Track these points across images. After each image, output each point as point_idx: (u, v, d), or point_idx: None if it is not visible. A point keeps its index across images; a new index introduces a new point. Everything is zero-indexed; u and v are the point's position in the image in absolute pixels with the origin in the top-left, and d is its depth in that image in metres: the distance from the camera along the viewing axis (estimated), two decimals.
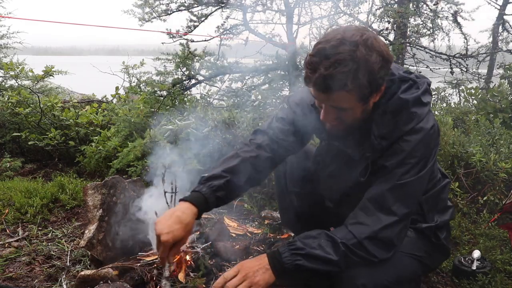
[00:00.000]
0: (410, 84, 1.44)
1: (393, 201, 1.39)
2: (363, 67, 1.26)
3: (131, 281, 1.94)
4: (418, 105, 1.42)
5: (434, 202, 1.63)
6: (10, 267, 2.27)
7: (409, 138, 1.39)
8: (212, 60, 4.49)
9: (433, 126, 1.43)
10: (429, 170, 1.44)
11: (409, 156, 1.39)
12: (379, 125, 1.42)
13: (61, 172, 3.97)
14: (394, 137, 1.40)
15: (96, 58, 57.88)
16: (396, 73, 1.43)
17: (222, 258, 2.29)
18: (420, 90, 1.43)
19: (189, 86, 4.47)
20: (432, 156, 1.45)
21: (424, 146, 1.41)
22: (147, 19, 4.83)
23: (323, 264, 1.37)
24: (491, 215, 2.70)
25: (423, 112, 1.42)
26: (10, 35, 6.45)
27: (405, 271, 1.49)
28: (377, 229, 1.37)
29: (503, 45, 6.32)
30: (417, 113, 1.40)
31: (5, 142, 4.46)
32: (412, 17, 5.12)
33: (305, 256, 1.37)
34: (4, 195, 3.12)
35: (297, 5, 4.80)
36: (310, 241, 1.39)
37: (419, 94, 1.42)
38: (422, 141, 1.40)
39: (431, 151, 1.44)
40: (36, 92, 4.82)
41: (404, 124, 1.40)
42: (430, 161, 1.44)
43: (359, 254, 1.37)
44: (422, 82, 1.47)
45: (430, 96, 1.49)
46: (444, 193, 1.68)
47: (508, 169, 2.76)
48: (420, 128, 1.40)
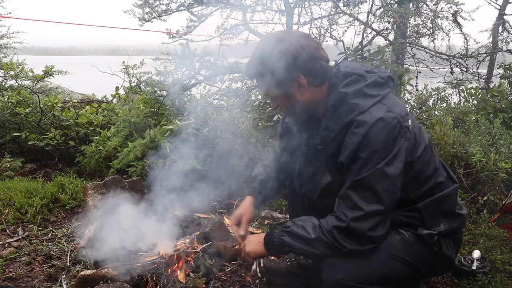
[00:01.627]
0: (354, 78, 1.53)
1: (356, 197, 1.44)
2: (267, 58, 1.51)
3: (131, 281, 1.94)
4: (360, 97, 1.48)
5: (437, 208, 1.56)
6: (10, 267, 2.27)
7: (356, 131, 1.43)
8: (212, 60, 4.48)
9: (381, 118, 1.42)
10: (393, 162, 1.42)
11: (360, 149, 1.43)
12: (325, 118, 1.54)
13: (61, 172, 3.97)
14: (337, 128, 1.49)
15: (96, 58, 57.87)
16: (343, 70, 1.56)
17: (222, 258, 2.29)
18: (364, 83, 1.51)
19: (189, 86, 4.46)
20: (393, 148, 1.42)
21: (375, 138, 1.41)
22: (147, 19, 4.83)
23: (302, 242, 1.53)
24: (491, 215, 2.70)
25: (366, 103, 1.46)
26: (10, 35, 6.45)
27: (390, 273, 1.50)
28: (346, 222, 1.44)
29: (503, 45, 6.30)
30: (358, 104, 1.47)
31: (5, 142, 4.46)
32: (412, 17, 5.12)
33: (289, 233, 1.57)
34: (4, 195, 3.12)
35: (297, 5, 4.80)
36: (298, 222, 1.57)
37: (362, 86, 1.50)
38: (369, 133, 1.41)
39: (388, 142, 1.42)
40: (36, 92, 4.82)
41: (345, 116, 1.48)
42: (390, 153, 1.42)
43: (331, 241, 1.47)
44: (371, 76, 1.53)
45: (380, 88, 1.52)
46: (450, 199, 1.61)
47: (508, 169, 2.76)
48: (363, 120, 1.43)
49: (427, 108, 4.31)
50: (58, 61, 7.16)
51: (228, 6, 4.67)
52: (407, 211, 1.56)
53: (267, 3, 4.87)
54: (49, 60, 5.28)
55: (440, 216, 1.57)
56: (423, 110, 4.29)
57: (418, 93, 4.81)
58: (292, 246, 1.56)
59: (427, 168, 1.55)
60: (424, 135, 1.59)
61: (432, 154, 1.59)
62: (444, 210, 1.59)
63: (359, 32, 4.66)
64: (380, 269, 1.49)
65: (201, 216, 2.84)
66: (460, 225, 1.65)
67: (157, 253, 2.15)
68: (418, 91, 4.91)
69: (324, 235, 1.48)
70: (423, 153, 1.52)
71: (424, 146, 1.53)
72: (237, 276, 2.19)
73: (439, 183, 1.59)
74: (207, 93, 4.59)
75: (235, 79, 4.56)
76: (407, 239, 1.54)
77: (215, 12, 4.83)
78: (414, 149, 1.50)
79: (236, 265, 2.27)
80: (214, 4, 4.65)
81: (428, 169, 1.55)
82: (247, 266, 2.27)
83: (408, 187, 1.51)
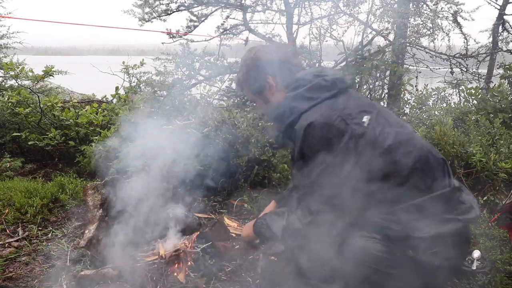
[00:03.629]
0: (299, 83, 1.68)
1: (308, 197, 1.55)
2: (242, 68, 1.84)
3: (131, 281, 1.94)
4: (299, 100, 1.63)
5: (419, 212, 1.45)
6: (10, 267, 2.27)
7: (297, 132, 1.56)
8: (212, 60, 4.49)
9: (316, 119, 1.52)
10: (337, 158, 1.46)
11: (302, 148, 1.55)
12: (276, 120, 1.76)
13: (61, 172, 3.97)
14: (282, 129, 1.70)
15: (96, 58, 57.86)
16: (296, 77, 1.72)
17: (222, 258, 2.29)
18: (304, 87, 1.64)
19: (189, 86, 4.47)
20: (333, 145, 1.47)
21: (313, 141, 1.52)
22: (147, 19, 4.84)
23: (273, 236, 1.75)
24: (491, 215, 2.70)
25: (304, 106, 1.60)
26: (10, 35, 6.46)
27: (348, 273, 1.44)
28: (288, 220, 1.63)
29: (503, 45, 6.31)
30: (296, 107, 1.62)
31: (5, 142, 4.46)
32: (412, 17, 5.12)
33: (265, 226, 1.79)
34: (4, 195, 3.12)
35: (297, 5, 4.80)
36: (274, 217, 1.77)
37: (302, 90, 1.65)
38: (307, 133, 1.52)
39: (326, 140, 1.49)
40: (36, 92, 4.81)
41: (286, 118, 1.66)
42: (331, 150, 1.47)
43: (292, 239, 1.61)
44: (315, 80, 1.65)
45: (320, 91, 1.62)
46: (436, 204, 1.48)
47: (508, 169, 2.76)
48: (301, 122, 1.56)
49: (427, 108, 4.31)
50: (58, 61, 7.16)
51: (228, 6, 4.67)
52: (385, 213, 1.47)
53: (267, 3, 4.87)
54: (49, 60, 5.28)
55: (424, 220, 1.46)
56: (423, 110, 4.30)
57: (418, 93, 4.81)
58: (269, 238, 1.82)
59: (400, 167, 1.47)
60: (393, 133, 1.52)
61: (409, 154, 1.49)
62: (429, 214, 1.47)
63: (359, 32, 4.67)
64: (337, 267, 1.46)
65: (201, 216, 2.84)
66: (453, 230, 1.48)
67: (157, 253, 2.15)
68: (418, 91, 4.92)
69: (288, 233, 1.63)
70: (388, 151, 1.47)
71: (390, 143, 1.48)
72: (237, 276, 2.19)
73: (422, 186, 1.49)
74: (207, 93, 4.59)
75: (235, 79, 4.56)
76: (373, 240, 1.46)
77: (215, 12, 4.83)
78: (373, 146, 1.46)
79: (236, 265, 2.27)
80: (214, 4, 4.65)
81: (403, 169, 1.47)
82: (247, 266, 2.27)
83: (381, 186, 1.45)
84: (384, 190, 1.47)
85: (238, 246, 2.34)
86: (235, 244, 2.35)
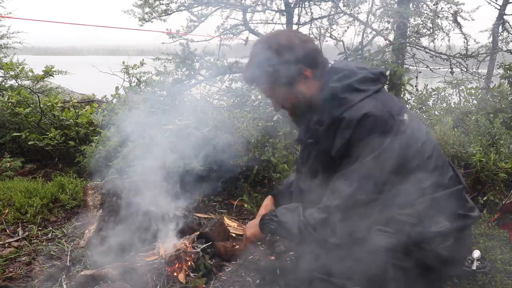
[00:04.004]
0: (345, 74, 1.56)
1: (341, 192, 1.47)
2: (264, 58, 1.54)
3: (131, 281, 1.94)
4: (350, 91, 1.51)
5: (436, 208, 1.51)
6: (10, 267, 2.27)
7: (345, 125, 1.45)
8: (212, 60, 4.48)
9: (367, 113, 1.42)
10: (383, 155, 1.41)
11: (350, 143, 1.44)
12: (315, 113, 1.58)
13: (61, 172, 3.96)
14: (327, 122, 1.52)
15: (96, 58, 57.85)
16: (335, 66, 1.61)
17: (222, 258, 2.29)
18: (354, 78, 1.53)
19: (189, 86, 4.47)
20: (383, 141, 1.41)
21: (365, 132, 1.42)
22: (147, 19, 4.84)
23: (286, 233, 1.66)
24: (491, 215, 2.70)
25: (356, 98, 1.49)
26: (10, 35, 6.45)
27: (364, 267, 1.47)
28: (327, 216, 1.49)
29: (503, 45, 6.31)
30: (347, 98, 1.49)
31: (5, 142, 4.46)
32: (412, 17, 5.12)
33: (277, 222, 1.68)
34: (4, 195, 3.12)
35: (297, 5, 4.80)
36: (286, 212, 1.67)
37: (351, 81, 1.53)
38: (359, 127, 1.42)
39: (377, 136, 1.42)
40: (36, 92, 4.81)
41: (334, 110, 1.50)
42: (380, 146, 1.41)
43: (313, 234, 1.53)
44: (362, 72, 1.56)
45: (371, 84, 1.54)
46: (451, 200, 1.55)
47: (508, 169, 2.76)
48: (352, 115, 1.44)
49: (427, 108, 4.31)
50: (58, 61, 7.17)
51: (228, 6, 4.67)
52: (404, 208, 1.51)
53: (267, 3, 4.87)
54: (49, 60, 5.28)
55: (440, 215, 1.52)
56: (423, 110, 4.30)
57: (418, 93, 4.81)
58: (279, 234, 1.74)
59: (427, 164, 1.51)
60: (424, 131, 1.57)
61: (434, 151, 1.55)
62: (444, 210, 1.53)
63: (359, 32, 4.67)
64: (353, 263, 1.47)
65: (201, 216, 2.84)
66: (464, 226, 1.58)
67: (157, 253, 2.15)
68: (418, 91, 4.92)
69: (306, 231, 1.53)
70: (422, 148, 1.50)
71: (422, 141, 1.51)
72: (237, 276, 2.19)
73: (441, 182, 1.54)
74: (207, 93, 4.59)
75: (235, 79, 4.55)
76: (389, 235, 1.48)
77: (215, 12, 4.83)
78: (411, 143, 1.48)
79: (236, 265, 2.27)
80: (214, 4, 4.65)
81: (428, 166, 1.51)
82: (247, 266, 2.27)
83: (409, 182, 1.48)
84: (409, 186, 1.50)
85: (238, 246, 2.33)
86: (235, 244, 2.35)
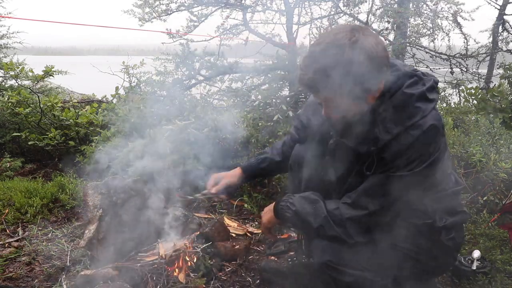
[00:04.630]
0: (415, 80, 1.45)
1: (381, 192, 1.45)
2: (348, 71, 1.29)
3: (131, 281, 1.94)
4: (423, 101, 1.42)
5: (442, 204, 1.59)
6: (10, 267, 2.27)
7: (411, 132, 1.39)
8: (212, 60, 4.49)
9: (433, 124, 1.40)
10: (428, 168, 1.42)
11: (407, 150, 1.40)
12: (383, 119, 1.42)
13: (61, 172, 3.96)
14: (396, 131, 1.40)
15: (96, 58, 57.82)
16: (402, 69, 1.47)
17: (222, 258, 2.29)
18: (426, 86, 1.44)
19: (189, 86, 4.47)
20: (432, 154, 1.42)
21: (423, 142, 1.40)
22: (147, 19, 4.84)
23: (302, 225, 1.60)
24: (491, 215, 2.69)
25: (428, 108, 1.42)
26: (10, 35, 6.46)
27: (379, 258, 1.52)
28: (361, 214, 1.47)
29: (503, 45, 6.30)
30: (421, 108, 1.40)
31: (5, 142, 4.45)
32: (412, 17, 5.12)
33: (293, 212, 1.61)
34: (4, 195, 3.12)
35: (297, 5, 4.80)
36: (304, 203, 1.59)
37: (424, 89, 1.43)
38: (421, 137, 1.39)
39: (431, 148, 1.42)
40: (36, 92, 4.81)
41: (408, 118, 1.40)
42: (429, 158, 1.41)
43: (337, 230, 1.50)
44: (428, 79, 1.48)
45: (436, 94, 1.48)
46: (456, 198, 1.66)
47: (508, 169, 2.76)
48: (421, 124, 1.39)
49: None
50: (58, 61, 7.16)
51: (228, 6, 4.67)
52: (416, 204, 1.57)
53: (267, 3, 4.88)
54: (49, 60, 5.28)
55: (445, 212, 1.60)
56: None
57: None
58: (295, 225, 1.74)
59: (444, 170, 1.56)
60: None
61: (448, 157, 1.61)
62: (447, 207, 1.61)
63: None
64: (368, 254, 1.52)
65: (201, 216, 2.84)
66: (462, 220, 1.67)
67: (157, 253, 2.15)
68: None
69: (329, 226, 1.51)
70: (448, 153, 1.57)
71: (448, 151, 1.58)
72: (237, 276, 2.19)
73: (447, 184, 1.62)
74: (207, 93, 4.59)
75: (235, 79, 4.56)
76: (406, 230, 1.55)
77: (215, 12, 4.84)
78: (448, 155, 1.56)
79: (236, 265, 2.27)
80: (214, 4, 4.66)
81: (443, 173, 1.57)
82: (247, 266, 2.27)
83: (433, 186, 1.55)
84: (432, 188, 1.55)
85: (238, 246, 2.34)
86: (235, 244, 2.35)
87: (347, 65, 1.29)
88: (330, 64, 1.30)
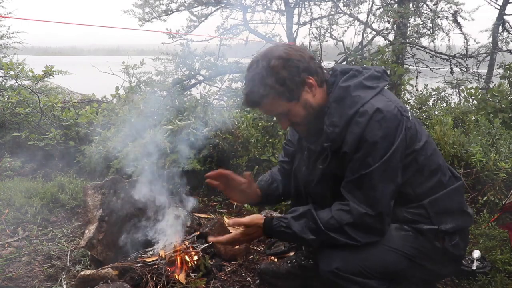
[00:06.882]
0: (352, 73, 1.55)
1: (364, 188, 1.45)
2: (265, 75, 1.47)
3: (131, 281, 1.94)
4: (361, 89, 1.50)
5: (443, 205, 1.56)
6: (10, 267, 2.27)
7: (358, 120, 1.44)
8: (212, 60, 4.49)
9: (379, 108, 1.42)
10: (396, 152, 1.42)
11: (362, 140, 1.43)
12: (328, 115, 1.52)
13: (61, 172, 3.96)
14: (342, 122, 1.47)
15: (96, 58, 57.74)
16: (339, 69, 1.58)
17: (222, 258, 2.29)
18: (362, 76, 1.52)
19: (189, 86, 4.47)
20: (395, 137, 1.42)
21: (377, 128, 1.41)
22: (147, 19, 4.84)
23: (297, 239, 1.61)
24: (491, 215, 2.69)
25: (368, 94, 1.48)
26: (10, 35, 6.44)
27: (388, 266, 1.52)
28: (357, 217, 1.46)
29: (503, 45, 6.29)
30: (360, 96, 1.48)
31: (5, 142, 4.46)
32: (412, 17, 5.12)
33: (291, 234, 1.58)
34: (4, 195, 3.12)
35: (297, 5, 4.80)
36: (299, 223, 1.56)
37: (361, 79, 1.52)
38: (371, 123, 1.42)
39: (389, 132, 1.42)
40: (36, 92, 4.81)
41: (349, 108, 1.48)
42: (393, 143, 1.42)
43: (340, 239, 1.49)
44: (367, 71, 1.56)
45: (378, 81, 1.53)
46: (456, 196, 1.61)
47: (508, 169, 2.76)
48: (366, 109, 1.44)
49: (427, 108, 4.31)
50: (58, 61, 7.15)
51: (228, 6, 4.68)
52: (413, 208, 1.55)
53: (267, 3, 4.88)
54: (49, 60, 5.27)
55: (447, 213, 1.57)
56: (423, 110, 4.29)
57: (418, 93, 4.81)
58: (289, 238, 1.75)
59: (431, 162, 1.55)
60: (424, 130, 1.60)
61: (434, 149, 1.59)
62: (451, 207, 1.58)
63: (359, 32, 4.68)
64: (375, 261, 1.51)
65: (201, 216, 2.84)
66: (467, 223, 1.65)
67: (157, 253, 2.15)
68: (418, 91, 4.92)
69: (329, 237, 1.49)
70: (425, 146, 1.53)
71: (425, 139, 1.54)
72: (237, 276, 2.19)
73: (444, 180, 1.58)
74: (207, 93, 4.59)
75: (235, 79, 4.56)
76: (407, 233, 1.55)
77: (215, 12, 4.84)
78: (416, 140, 1.51)
79: (236, 265, 2.27)
80: (214, 4, 4.66)
81: (432, 164, 1.55)
82: (247, 266, 2.27)
83: (412, 182, 1.52)
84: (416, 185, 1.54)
85: (238, 246, 2.33)
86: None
87: (263, 72, 1.47)
88: (252, 78, 1.50)
